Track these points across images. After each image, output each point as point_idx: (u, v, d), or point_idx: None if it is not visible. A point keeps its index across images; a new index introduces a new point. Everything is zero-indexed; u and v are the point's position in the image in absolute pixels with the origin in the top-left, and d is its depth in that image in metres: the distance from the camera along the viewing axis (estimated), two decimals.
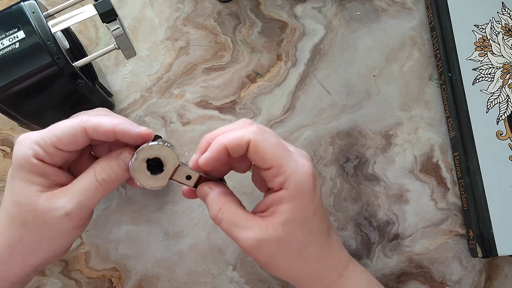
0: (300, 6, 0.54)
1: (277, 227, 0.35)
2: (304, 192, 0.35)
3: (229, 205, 0.37)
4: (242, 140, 0.35)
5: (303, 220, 0.36)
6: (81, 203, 0.35)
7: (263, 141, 0.35)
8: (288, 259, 0.37)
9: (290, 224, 0.35)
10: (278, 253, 0.36)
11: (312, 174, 0.36)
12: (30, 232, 0.36)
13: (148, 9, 0.54)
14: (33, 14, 0.38)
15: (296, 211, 0.35)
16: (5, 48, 0.37)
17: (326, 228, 0.39)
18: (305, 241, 0.37)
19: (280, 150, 0.35)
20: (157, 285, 0.49)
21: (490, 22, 0.51)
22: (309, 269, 0.38)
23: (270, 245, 0.35)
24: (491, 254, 0.46)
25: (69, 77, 0.40)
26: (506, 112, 0.48)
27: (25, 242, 0.36)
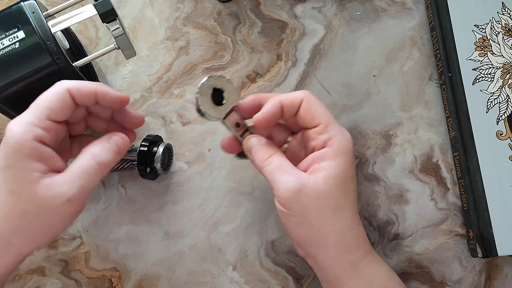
0: (300, 6, 0.54)
1: (318, 181, 0.37)
2: (346, 152, 0.38)
3: (280, 154, 0.39)
4: (296, 98, 0.39)
5: (343, 180, 0.37)
6: (83, 187, 0.35)
7: (315, 101, 0.39)
8: (322, 215, 0.37)
9: (331, 181, 0.37)
10: (314, 205, 0.37)
11: (352, 142, 0.39)
12: (30, 222, 0.35)
13: (148, 9, 0.54)
14: (33, 14, 0.38)
15: (337, 169, 0.37)
16: (5, 48, 0.37)
17: (357, 204, 0.39)
18: (341, 203, 0.37)
19: (328, 111, 0.39)
20: (157, 285, 0.49)
21: (490, 22, 0.51)
22: (339, 235, 0.38)
23: (309, 195, 0.36)
24: (491, 254, 0.46)
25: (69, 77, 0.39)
26: (506, 112, 0.48)
27: (22, 234, 0.35)
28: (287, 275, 0.49)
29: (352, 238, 0.38)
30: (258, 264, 0.49)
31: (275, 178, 0.37)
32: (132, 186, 0.51)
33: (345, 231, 0.38)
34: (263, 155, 0.39)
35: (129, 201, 0.51)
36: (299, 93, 0.39)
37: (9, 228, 0.35)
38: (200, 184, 0.51)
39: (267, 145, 0.40)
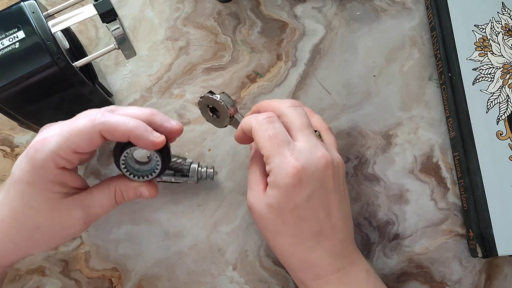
0: (300, 6, 0.54)
1: (261, 203, 0.40)
2: (281, 186, 0.38)
3: (255, 166, 0.43)
4: (249, 125, 0.40)
5: (278, 210, 0.39)
6: (98, 215, 0.39)
7: (260, 131, 0.39)
8: (265, 234, 0.41)
9: (268, 207, 0.39)
10: (260, 223, 0.41)
11: (294, 175, 0.37)
12: (42, 233, 0.38)
13: (148, 9, 0.54)
14: (33, 14, 0.38)
15: (272, 198, 0.39)
16: (5, 48, 0.37)
17: (309, 231, 0.39)
18: (278, 229, 0.40)
19: (271, 143, 0.38)
20: (157, 285, 0.49)
21: (490, 22, 0.51)
22: (280, 256, 0.42)
23: (255, 213, 0.40)
24: (491, 254, 0.46)
25: (69, 77, 0.39)
26: (506, 112, 0.48)
27: (32, 241, 0.38)
28: (287, 275, 0.49)
29: (294, 261, 0.41)
30: (258, 264, 0.49)
31: (248, 189, 0.42)
32: None
33: (285, 254, 0.41)
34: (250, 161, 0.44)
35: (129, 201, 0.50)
36: (253, 120, 0.40)
37: (21, 235, 0.37)
38: (200, 184, 0.51)
39: (256, 155, 0.44)
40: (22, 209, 0.37)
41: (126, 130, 0.36)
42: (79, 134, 0.35)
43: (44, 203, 0.37)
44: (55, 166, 0.36)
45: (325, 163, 0.38)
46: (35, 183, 0.36)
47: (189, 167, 0.48)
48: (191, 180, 0.48)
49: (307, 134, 0.40)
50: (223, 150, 0.51)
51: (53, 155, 0.35)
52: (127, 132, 0.36)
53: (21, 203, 0.36)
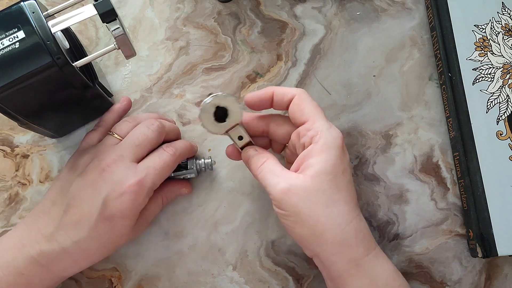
0: (300, 6, 0.54)
1: (306, 178, 0.38)
2: (333, 147, 0.38)
3: (271, 160, 0.41)
4: (289, 92, 0.41)
5: (332, 174, 0.38)
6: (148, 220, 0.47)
7: (306, 98, 0.41)
8: (314, 212, 0.37)
9: (319, 176, 0.37)
10: (305, 203, 0.37)
11: (341, 137, 0.39)
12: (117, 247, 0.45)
13: (148, 9, 0.54)
14: (33, 14, 0.38)
15: (324, 164, 0.38)
16: (5, 48, 0.37)
17: (355, 197, 0.40)
18: (333, 196, 0.38)
19: (318, 109, 0.40)
20: (157, 285, 0.49)
21: (490, 22, 0.51)
22: (336, 230, 0.38)
23: (298, 193, 0.37)
24: (491, 254, 0.46)
25: (69, 77, 0.39)
26: (506, 112, 0.48)
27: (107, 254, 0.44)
28: (287, 275, 0.49)
29: (351, 233, 0.38)
30: (258, 264, 0.49)
31: (267, 182, 0.39)
32: None
33: (341, 226, 0.38)
34: (257, 163, 0.41)
35: None
36: (294, 89, 0.42)
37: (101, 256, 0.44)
38: (200, 184, 0.51)
39: (261, 154, 0.42)
40: (110, 239, 0.42)
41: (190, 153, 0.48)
42: (169, 168, 0.45)
43: (128, 230, 0.43)
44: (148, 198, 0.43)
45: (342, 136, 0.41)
46: (130, 216, 0.42)
47: (186, 160, 0.48)
48: (190, 173, 0.48)
49: None
50: (223, 150, 0.51)
51: (149, 192, 0.43)
52: (191, 153, 0.49)
53: (110, 235, 0.42)
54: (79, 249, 0.41)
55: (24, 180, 0.51)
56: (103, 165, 0.42)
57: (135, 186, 0.41)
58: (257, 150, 0.43)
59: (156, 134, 0.45)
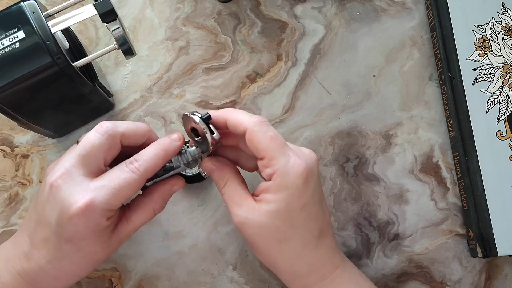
0: (300, 6, 0.54)
1: (261, 213, 0.37)
2: (290, 187, 0.37)
3: (231, 182, 0.40)
4: (240, 124, 0.38)
5: (287, 213, 0.37)
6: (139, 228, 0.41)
7: (259, 132, 0.37)
8: (267, 246, 0.39)
9: (273, 214, 0.37)
10: (259, 237, 0.38)
11: (302, 173, 0.37)
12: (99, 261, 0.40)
13: (148, 9, 0.54)
14: (33, 14, 0.38)
15: (279, 203, 0.37)
16: (5, 48, 0.37)
17: (316, 229, 0.39)
18: (286, 234, 0.38)
19: (274, 143, 0.37)
20: (157, 285, 0.49)
21: (490, 22, 0.51)
22: (287, 263, 0.39)
23: (253, 227, 0.38)
24: (491, 254, 0.46)
25: (69, 77, 0.39)
26: (506, 112, 0.48)
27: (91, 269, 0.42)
28: None
29: (302, 266, 0.39)
30: (258, 264, 0.49)
31: (228, 209, 0.40)
32: None
33: (292, 261, 0.39)
34: (218, 183, 0.41)
35: None
36: (246, 120, 0.38)
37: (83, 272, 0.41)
38: (200, 184, 0.51)
39: (222, 172, 0.41)
40: (83, 257, 0.38)
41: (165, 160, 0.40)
42: (129, 188, 0.37)
43: (100, 246, 0.38)
44: (106, 220, 0.37)
45: (315, 158, 0.39)
46: (91, 237, 0.37)
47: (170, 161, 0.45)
48: (178, 169, 0.44)
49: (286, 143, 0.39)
50: None
51: (105, 212, 0.37)
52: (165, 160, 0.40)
53: (81, 254, 0.38)
54: (55, 268, 0.38)
55: (24, 180, 0.51)
56: (51, 180, 0.37)
57: (83, 209, 0.35)
58: (215, 165, 0.41)
59: (106, 138, 0.38)
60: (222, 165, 0.41)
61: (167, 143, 0.40)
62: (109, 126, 0.38)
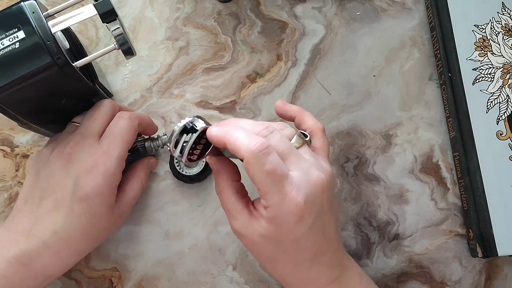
0: (300, 6, 0.54)
1: (254, 232, 0.37)
2: (282, 224, 0.36)
3: (226, 193, 0.39)
4: (238, 151, 0.35)
5: (277, 242, 0.37)
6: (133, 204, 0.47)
7: (255, 165, 0.34)
8: (260, 260, 0.41)
9: (264, 238, 0.37)
10: (253, 250, 0.40)
11: (297, 213, 0.35)
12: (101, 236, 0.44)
13: (148, 9, 0.54)
14: (33, 14, 0.38)
15: (271, 231, 0.36)
16: (5, 48, 0.37)
17: (309, 253, 0.38)
18: (276, 257, 0.38)
19: (269, 180, 0.35)
20: (157, 285, 0.49)
21: (490, 22, 0.51)
22: (279, 276, 0.41)
23: (248, 242, 0.39)
24: (491, 254, 0.46)
25: (69, 77, 0.39)
26: (506, 112, 0.48)
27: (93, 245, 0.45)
28: None
29: (293, 280, 0.40)
30: (258, 264, 0.49)
31: (225, 214, 0.40)
32: None
33: (284, 275, 0.40)
34: (216, 188, 0.41)
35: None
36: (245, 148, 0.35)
37: (85, 245, 0.43)
38: (200, 184, 0.51)
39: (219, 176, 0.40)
40: (89, 221, 0.41)
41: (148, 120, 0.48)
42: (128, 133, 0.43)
43: (106, 209, 0.42)
44: (121, 170, 0.43)
45: (321, 187, 0.36)
46: (105, 192, 0.41)
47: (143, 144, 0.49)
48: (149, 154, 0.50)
49: (296, 156, 0.37)
50: None
51: (119, 161, 0.42)
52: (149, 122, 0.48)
53: (88, 216, 0.41)
54: (59, 239, 0.40)
55: (24, 180, 0.51)
56: (67, 149, 0.41)
57: (102, 158, 0.41)
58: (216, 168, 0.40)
59: (109, 108, 0.44)
60: (220, 169, 0.40)
61: None
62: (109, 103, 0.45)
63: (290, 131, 0.40)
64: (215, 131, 0.37)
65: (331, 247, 0.39)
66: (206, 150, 0.39)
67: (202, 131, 0.37)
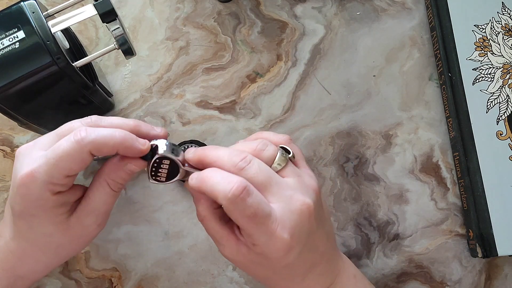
0: (300, 6, 0.54)
1: (244, 258, 0.37)
2: (272, 258, 0.35)
3: (208, 221, 0.37)
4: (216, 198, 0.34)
5: (269, 266, 0.37)
6: (106, 212, 0.39)
7: (235, 211, 0.33)
8: (255, 278, 0.42)
9: (254, 264, 0.37)
10: (246, 271, 0.40)
11: (285, 249, 0.34)
12: (66, 249, 0.39)
13: (148, 9, 0.54)
14: (33, 14, 0.38)
15: (261, 261, 0.36)
16: (5, 48, 0.37)
17: (303, 270, 0.38)
18: (270, 278, 0.39)
19: (252, 223, 0.34)
20: (157, 285, 0.49)
21: (490, 22, 0.51)
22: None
23: (239, 265, 0.39)
24: (491, 254, 0.46)
25: (69, 77, 0.39)
26: (506, 112, 0.48)
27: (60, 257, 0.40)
28: None
29: None
30: None
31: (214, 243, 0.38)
32: (132, 186, 0.51)
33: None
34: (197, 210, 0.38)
35: (129, 201, 0.51)
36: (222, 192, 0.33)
37: (47, 257, 0.39)
38: None
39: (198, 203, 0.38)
40: (38, 238, 0.37)
41: (115, 144, 0.35)
42: (69, 158, 0.34)
43: (54, 227, 0.37)
44: (51, 194, 0.35)
45: (307, 214, 0.35)
46: (38, 214, 0.36)
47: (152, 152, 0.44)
48: None
49: (277, 185, 0.35)
50: None
51: (46, 185, 0.34)
52: (116, 146, 0.35)
53: (34, 233, 0.37)
54: (18, 248, 0.38)
55: None
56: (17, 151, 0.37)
57: (25, 178, 0.34)
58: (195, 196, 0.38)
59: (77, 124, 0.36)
60: (199, 197, 0.38)
61: (130, 138, 0.36)
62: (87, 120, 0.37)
63: (272, 150, 0.37)
64: (192, 183, 0.36)
65: (323, 258, 0.39)
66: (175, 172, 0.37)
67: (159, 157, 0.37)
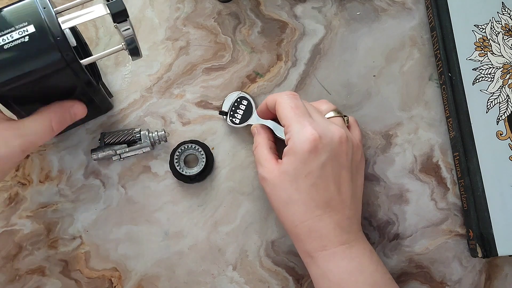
0: (300, 6, 0.54)
1: (276, 174, 0.42)
2: (298, 152, 0.41)
3: (260, 148, 0.46)
4: (273, 100, 0.44)
5: (293, 176, 0.41)
6: (35, 143, 0.40)
7: (283, 103, 0.43)
8: (277, 205, 0.43)
9: (283, 175, 0.42)
10: (271, 195, 0.43)
11: (311, 141, 0.40)
12: None
13: (148, 9, 0.54)
14: (44, 9, 0.37)
15: (287, 165, 0.41)
16: (14, 41, 0.36)
17: (321, 200, 0.41)
18: (291, 196, 0.42)
19: (293, 112, 0.42)
20: (157, 285, 0.49)
21: (490, 22, 0.51)
22: (291, 224, 0.42)
23: (269, 185, 0.43)
24: (491, 254, 0.46)
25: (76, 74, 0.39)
26: (506, 112, 0.49)
27: None
28: (287, 275, 0.49)
29: (303, 230, 0.42)
30: (258, 264, 0.49)
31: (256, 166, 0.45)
32: (132, 186, 0.51)
33: (294, 223, 0.42)
34: (254, 144, 0.47)
35: (129, 201, 0.50)
36: (278, 95, 0.44)
37: None
38: (200, 184, 0.51)
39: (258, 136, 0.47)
40: None
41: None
42: None
43: None
44: None
45: (339, 138, 0.41)
46: None
47: (140, 135, 0.49)
48: (145, 147, 0.49)
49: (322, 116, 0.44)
50: (223, 150, 0.51)
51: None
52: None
53: None
54: None
55: (24, 180, 0.51)
56: None
57: None
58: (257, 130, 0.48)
59: None
60: (260, 131, 0.48)
61: None
62: None
63: (327, 106, 0.47)
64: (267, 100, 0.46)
65: (344, 210, 0.42)
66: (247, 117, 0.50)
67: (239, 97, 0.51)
